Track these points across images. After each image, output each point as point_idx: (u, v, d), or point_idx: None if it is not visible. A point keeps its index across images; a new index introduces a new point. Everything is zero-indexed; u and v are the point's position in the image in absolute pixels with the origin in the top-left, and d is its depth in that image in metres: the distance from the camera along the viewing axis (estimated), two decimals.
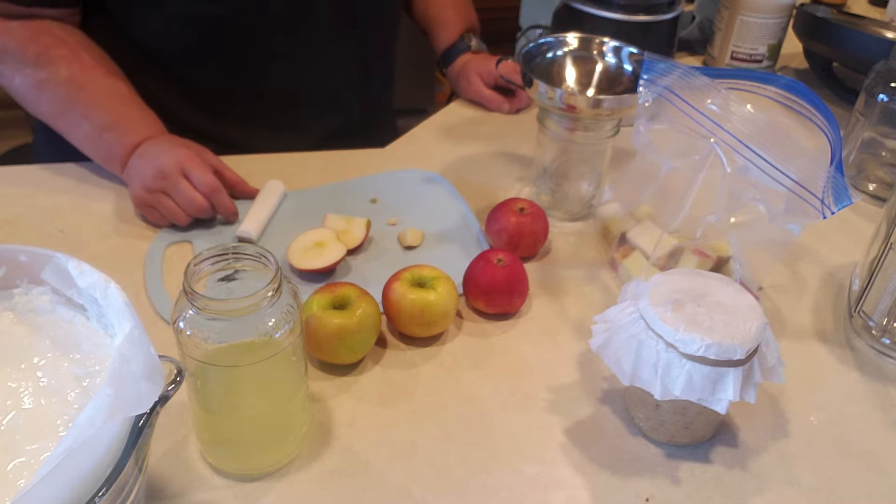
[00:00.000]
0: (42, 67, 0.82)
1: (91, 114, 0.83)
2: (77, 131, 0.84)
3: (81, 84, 0.82)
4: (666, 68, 0.69)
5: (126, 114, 0.84)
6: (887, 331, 0.69)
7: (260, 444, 0.55)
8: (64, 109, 0.83)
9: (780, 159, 0.62)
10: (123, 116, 0.84)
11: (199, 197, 0.78)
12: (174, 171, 0.78)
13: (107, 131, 0.82)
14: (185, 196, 0.78)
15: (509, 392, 0.64)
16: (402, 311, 0.66)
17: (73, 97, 0.82)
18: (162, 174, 0.78)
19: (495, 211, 0.78)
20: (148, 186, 0.79)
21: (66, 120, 0.84)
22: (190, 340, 0.48)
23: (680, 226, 0.70)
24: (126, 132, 0.82)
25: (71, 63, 0.82)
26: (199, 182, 0.78)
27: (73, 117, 0.83)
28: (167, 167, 0.78)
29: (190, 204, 0.78)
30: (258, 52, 0.94)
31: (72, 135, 0.85)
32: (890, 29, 1.14)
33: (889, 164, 0.94)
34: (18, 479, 0.42)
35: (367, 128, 1.08)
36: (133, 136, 0.82)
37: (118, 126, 0.83)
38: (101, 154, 0.84)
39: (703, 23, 1.29)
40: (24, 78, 0.82)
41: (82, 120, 0.83)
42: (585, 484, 0.56)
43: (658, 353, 0.54)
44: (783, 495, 0.56)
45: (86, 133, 0.83)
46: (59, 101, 0.83)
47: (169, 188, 0.78)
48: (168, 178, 0.78)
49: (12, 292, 0.52)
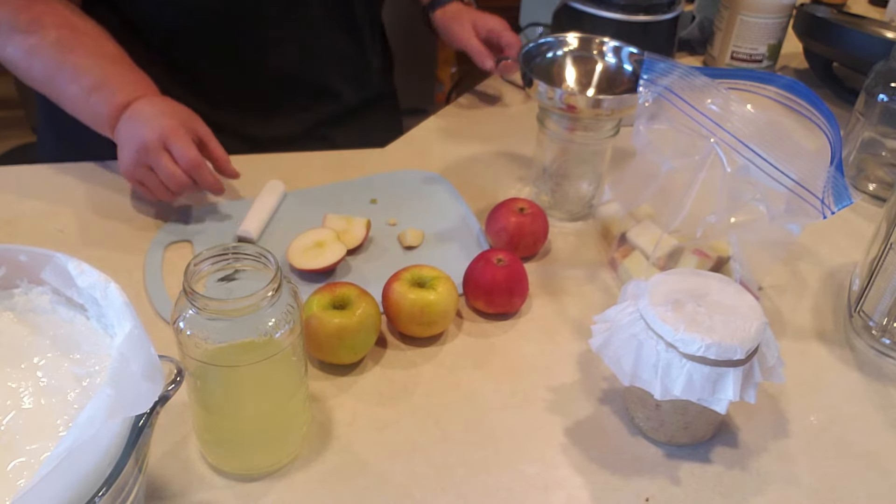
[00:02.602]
0: (33, 33, 0.80)
1: (80, 75, 0.81)
2: (66, 94, 0.82)
3: (71, 46, 0.81)
4: (666, 68, 0.69)
5: (114, 73, 0.82)
6: (887, 331, 0.69)
7: (260, 444, 0.55)
8: (53, 73, 0.82)
9: (780, 159, 0.62)
10: (112, 76, 0.82)
11: (180, 172, 0.77)
12: (156, 145, 0.76)
13: (95, 92, 0.81)
14: (166, 172, 0.77)
15: (509, 392, 0.64)
16: (402, 311, 0.66)
17: (62, 59, 0.81)
18: (144, 147, 0.77)
19: (495, 211, 0.78)
20: (133, 160, 0.78)
21: (56, 83, 0.82)
22: (190, 340, 0.48)
23: (680, 226, 0.70)
24: (114, 91, 0.81)
25: (60, 27, 0.81)
26: (180, 156, 0.77)
27: (62, 80, 0.82)
28: (149, 140, 0.76)
29: (170, 179, 0.77)
30: (253, 35, 0.94)
31: (62, 99, 0.83)
32: (890, 29, 1.14)
33: (889, 164, 0.94)
34: (18, 479, 0.42)
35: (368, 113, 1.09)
36: (121, 96, 0.80)
37: (106, 86, 0.81)
38: (90, 115, 0.82)
39: (703, 23, 1.29)
40: (16, 46, 0.81)
41: (71, 82, 0.81)
42: (585, 484, 0.56)
43: (658, 353, 0.54)
44: (783, 495, 0.56)
45: (75, 95, 0.82)
46: (49, 64, 0.81)
47: (152, 162, 0.77)
48: (150, 152, 0.76)
49: (12, 292, 0.52)
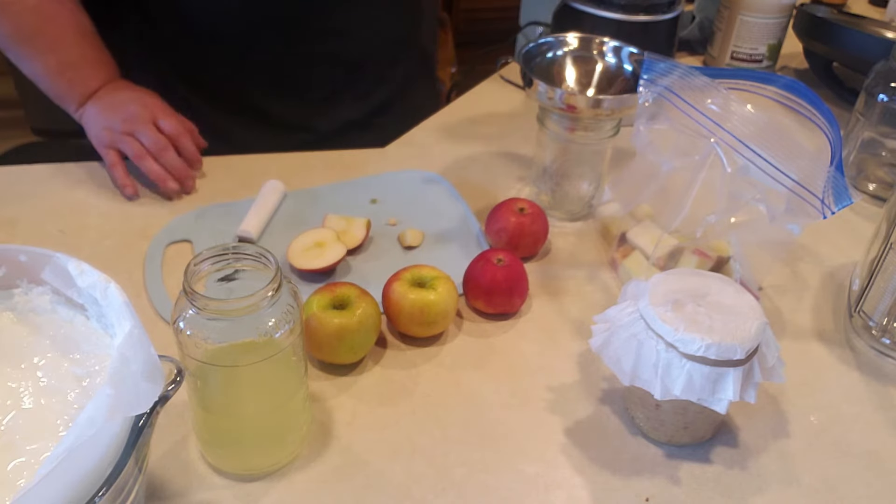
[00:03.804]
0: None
1: (57, 48, 0.84)
2: (36, 62, 0.85)
3: (51, 15, 0.83)
4: (666, 68, 0.69)
5: (91, 55, 0.86)
6: (887, 331, 0.69)
7: (260, 444, 0.55)
8: (27, 37, 0.84)
9: (780, 159, 0.62)
10: (88, 57, 0.86)
11: (164, 138, 0.83)
12: (145, 117, 0.82)
13: (70, 69, 0.85)
14: (152, 137, 0.82)
15: (509, 392, 0.64)
16: (402, 311, 0.66)
17: (40, 27, 0.83)
18: (132, 117, 0.82)
19: (495, 211, 0.78)
20: (114, 128, 0.82)
21: (27, 48, 0.85)
22: (190, 340, 0.48)
23: (680, 226, 0.70)
24: (89, 75, 0.85)
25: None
26: (166, 126, 0.83)
27: (37, 47, 0.84)
28: (137, 111, 0.83)
29: (154, 143, 0.82)
30: (312, 24, 0.96)
31: (29, 63, 0.86)
32: (890, 29, 1.14)
33: (889, 164, 0.94)
34: (18, 479, 0.42)
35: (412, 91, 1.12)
36: (94, 81, 0.85)
37: (83, 66, 0.85)
38: (59, 90, 0.86)
39: (703, 23, 1.29)
40: None
41: (46, 52, 0.84)
42: (585, 484, 0.56)
43: (658, 353, 0.54)
44: (783, 495, 0.56)
45: (47, 66, 0.85)
46: (24, 26, 0.84)
47: (137, 130, 0.82)
48: (137, 120, 0.82)
49: (12, 292, 0.52)
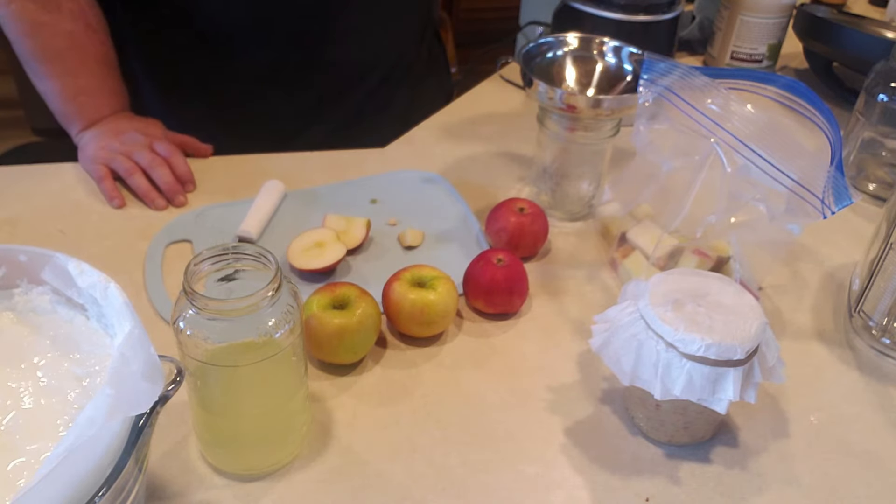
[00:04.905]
0: (48, 11, 0.86)
1: (77, 73, 0.88)
2: (54, 82, 0.89)
3: (81, 43, 0.88)
4: (666, 68, 0.69)
5: (107, 85, 0.91)
6: (887, 331, 0.69)
7: (260, 444, 0.55)
8: (51, 57, 0.88)
9: (780, 159, 0.62)
10: (104, 87, 0.91)
11: (159, 158, 0.86)
12: (143, 141, 0.87)
13: (83, 94, 0.89)
14: (147, 157, 0.85)
15: (509, 392, 0.64)
16: (402, 311, 0.66)
17: (67, 51, 0.88)
18: (131, 142, 0.87)
19: (495, 211, 0.78)
20: (111, 148, 0.86)
21: (48, 67, 0.88)
22: (190, 340, 0.48)
23: (680, 226, 0.70)
24: (102, 103, 0.90)
25: (76, 19, 0.88)
26: (161, 149, 0.87)
27: (58, 68, 0.88)
28: (135, 138, 0.87)
29: (150, 162, 0.85)
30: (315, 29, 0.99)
31: (46, 82, 0.89)
32: (890, 29, 1.14)
33: (889, 164, 0.94)
34: (18, 479, 0.42)
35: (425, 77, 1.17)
36: (105, 109, 0.90)
37: (97, 94, 0.90)
38: (68, 112, 0.89)
39: (703, 23, 1.29)
40: (23, 9, 0.86)
41: (65, 75, 0.88)
42: (585, 484, 0.56)
43: (658, 353, 0.54)
44: (783, 495, 0.56)
45: (63, 87, 0.89)
46: (51, 47, 0.87)
47: (134, 151, 0.86)
48: (136, 144, 0.86)
49: (12, 292, 0.52)
